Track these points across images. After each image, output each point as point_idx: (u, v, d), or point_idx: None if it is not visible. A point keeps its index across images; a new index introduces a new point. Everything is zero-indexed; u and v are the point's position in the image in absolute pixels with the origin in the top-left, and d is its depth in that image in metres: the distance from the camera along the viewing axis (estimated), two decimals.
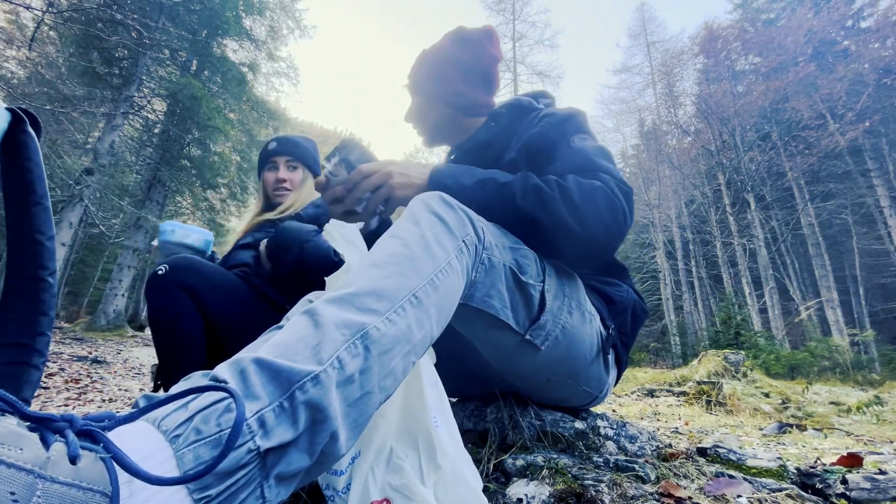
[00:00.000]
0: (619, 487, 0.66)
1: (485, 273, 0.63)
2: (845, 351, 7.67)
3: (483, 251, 0.63)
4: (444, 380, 1.04)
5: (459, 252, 0.58)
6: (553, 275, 0.73)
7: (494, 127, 1.00)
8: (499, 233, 0.69)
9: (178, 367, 1.01)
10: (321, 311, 0.44)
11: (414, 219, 0.58)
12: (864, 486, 0.67)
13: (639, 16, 20.48)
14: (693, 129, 15.33)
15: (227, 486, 0.32)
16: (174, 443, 0.32)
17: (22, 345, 0.56)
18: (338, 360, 0.40)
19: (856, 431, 2.01)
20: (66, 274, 15.66)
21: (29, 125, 0.50)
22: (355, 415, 0.41)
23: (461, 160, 1.02)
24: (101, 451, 0.29)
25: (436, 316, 0.52)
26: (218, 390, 0.34)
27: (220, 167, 10.24)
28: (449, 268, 0.55)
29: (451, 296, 0.55)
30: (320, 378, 0.38)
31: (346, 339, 0.42)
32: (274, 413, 0.35)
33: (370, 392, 0.42)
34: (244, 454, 0.32)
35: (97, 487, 0.27)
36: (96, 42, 8.09)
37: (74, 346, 5.19)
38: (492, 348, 0.75)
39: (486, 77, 1.02)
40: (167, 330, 1.02)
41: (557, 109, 0.96)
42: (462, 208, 0.63)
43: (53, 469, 0.26)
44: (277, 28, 11.33)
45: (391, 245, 0.54)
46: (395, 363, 0.45)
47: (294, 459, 0.36)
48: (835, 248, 14.63)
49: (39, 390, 2.03)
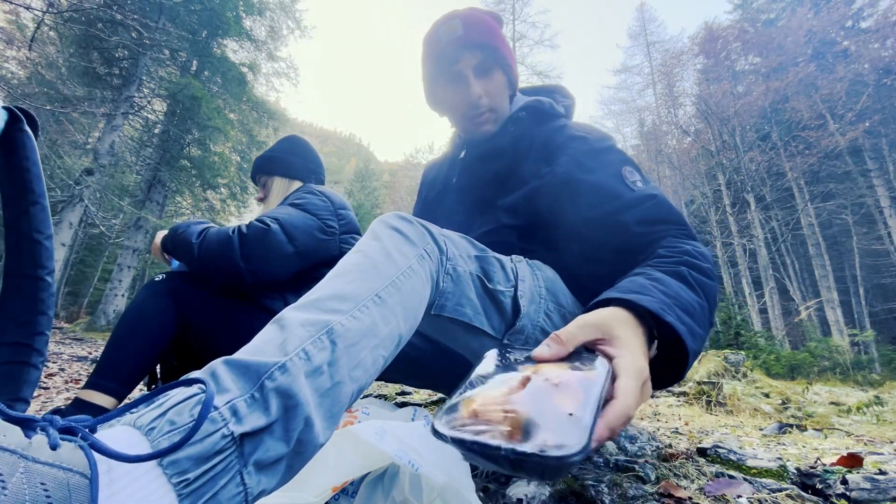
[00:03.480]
0: (619, 487, 0.66)
1: (453, 283, 0.64)
2: (845, 351, 7.67)
3: (447, 262, 0.64)
4: (442, 382, 1.05)
5: (420, 258, 0.59)
6: (528, 278, 0.73)
7: (512, 132, 0.92)
8: (465, 243, 0.70)
9: (120, 362, 1.00)
10: (286, 315, 0.45)
11: (374, 235, 0.60)
12: (865, 486, 0.66)
13: (639, 16, 20.51)
14: (693, 129, 15.33)
15: (204, 471, 0.32)
16: (149, 435, 0.32)
17: (21, 344, 0.56)
18: (304, 352, 0.41)
19: (856, 432, 2.01)
20: (66, 274, 15.66)
21: (26, 124, 0.50)
22: (328, 404, 0.42)
23: (476, 168, 0.97)
24: (80, 441, 0.30)
25: (402, 314, 0.52)
26: (189, 384, 0.36)
27: (220, 167, 10.23)
28: (410, 271, 0.56)
29: (415, 296, 0.56)
30: (287, 366, 0.39)
31: (311, 334, 0.43)
32: (245, 403, 0.36)
33: (341, 382, 0.43)
34: (219, 439, 0.33)
35: (77, 469, 0.28)
36: (96, 42, 8.09)
37: (74, 346, 5.19)
38: (477, 355, 0.75)
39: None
40: (133, 322, 1.02)
41: (581, 128, 0.88)
42: (421, 223, 0.64)
43: (35, 452, 0.28)
44: (277, 28, 11.33)
45: (353, 258, 0.56)
46: (363, 355, 0.46)
47: (271, 446, 0.36)
48: (835, 249, 14.63)
49: (39, 390, 2.03)
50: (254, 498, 0.36)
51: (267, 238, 1.06)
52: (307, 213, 1.17)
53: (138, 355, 1.01)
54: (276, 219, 1.10)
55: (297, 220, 1.13)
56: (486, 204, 0.93)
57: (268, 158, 1.39)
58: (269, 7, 10.89)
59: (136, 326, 1.02)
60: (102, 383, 0.96)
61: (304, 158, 1.41)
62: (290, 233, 1.09)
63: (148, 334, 1.02)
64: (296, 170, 1.38)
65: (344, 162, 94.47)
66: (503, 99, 0.92)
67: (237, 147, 10.93)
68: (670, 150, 16.31)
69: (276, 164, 1.38)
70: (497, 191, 0.92)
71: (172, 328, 1.05)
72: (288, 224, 1.10)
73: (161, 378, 1.13)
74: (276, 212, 1.14)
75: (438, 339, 0.79)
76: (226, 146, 10.57)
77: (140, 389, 1.56)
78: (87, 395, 0.95)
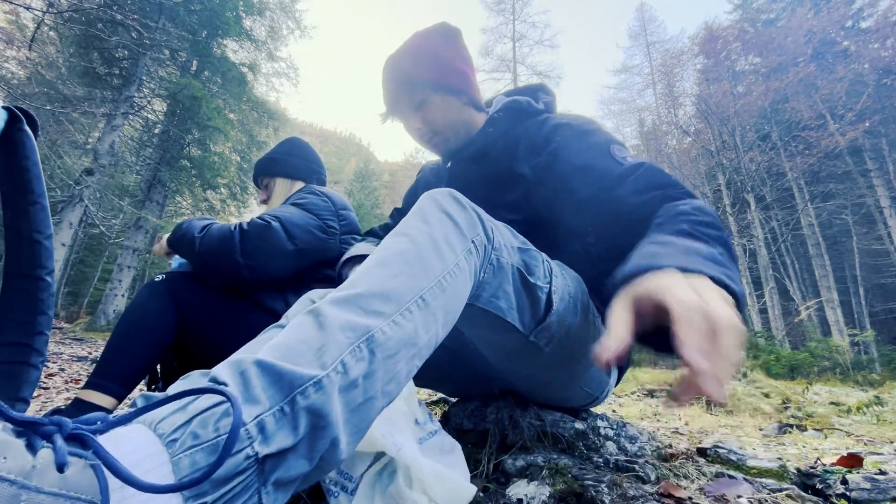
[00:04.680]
0: (619, 488, 0.66)
1: (493, 274, 0.62)
2: (845, 351, 7.67)
3: (492, 252, 0.61)
4: (445, 381, 1.04)
5: (468, 253, 0.56)
6: (560, 276, 0.72)
7: (493, 133, 0.94)
8: (508, 233, 0.68)
9: (120, 363, 1.00)
10: (325, 311, 0.43)
11: (423, 216, 0.56)
12: (865, 486, 0.66)
13: (639, 16, 20.51)
14: (693, 129, 15.32)
15: (223, 493, 0.31)
16: (170, 447, 0.31)
17: (20, 344, 0.56)
18: (342, 365, 0.39)
19: (856, 432, 2.01)
20: (66, 274, 15.65)
21: (25, 124, 0.49)
22: (357, 420, 0.40)
23: (461, 170, 0.98)
24: (91, 457, 0.28)
25: (442, 319, 0.50)
26: (217, 393, 0.34)
27: (220, 167, 10.22)
28: (457, 269, 0.53)
29: (457, 298, 0.54)
30: (323, 383, 0.37)
31: (350, 342, 0.40)
32: (274, 418, 0.34)
33: (373, 397, 0.41)
34: (242, 460, 0.32)
35: (85, 496, 0.26)
36: (96, 42, 8.08)
37: (74, 346, 5.19)
38: (495, 349, 0.74)
39: (473, 71, 0.98)
40: (133, 322, 1.02)
41: (564, 117, 0.91)
42: (473, 207, 0.60)
43: (39, 479, 0.25)
44: (277, 28, 11.33)
45: (399, 243, 0.52)
46: (399, 367, 0.44)
47: (293, 466, 0.35)
48: (835, 249, 14.62)
49: (39, 390, 2.02)
50: None
51: (267, 235, 1.06)
52: (308, 213, 1.17)
53: (138, 355, 1.01)
54: (277, 217, 1.10)
55: (297, 219, 1.13)
56: (485, 203, 0.93)
57: (269, 160, 1.40)
58: (269, 7, 10.89)
59: (136, 326, 1.02)
60: (102, 383, 0.96)
61: (305, 159, 1.41)
62: (290, 231, 1.10)
63: (148, 334, 1.02)
64: (298, 171, 1.39)
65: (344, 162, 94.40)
66: (447, 117, 0.94)
67: (237, 147, 10.92)
68: (670, 151, 16.29)
69: (278, 166, 1.39)
70: (494, 191, 0.91)
71: (172, 328, 1.05)
72: (288, 222, 1.10)
73: (161, 378, 1.13)
74: (277, 210, 1.14)
75: (459, 329, 0.79)
76: (226, 146, 10.56)
77: (140, 389, 1.56)
78: (87, 395, 0.95)
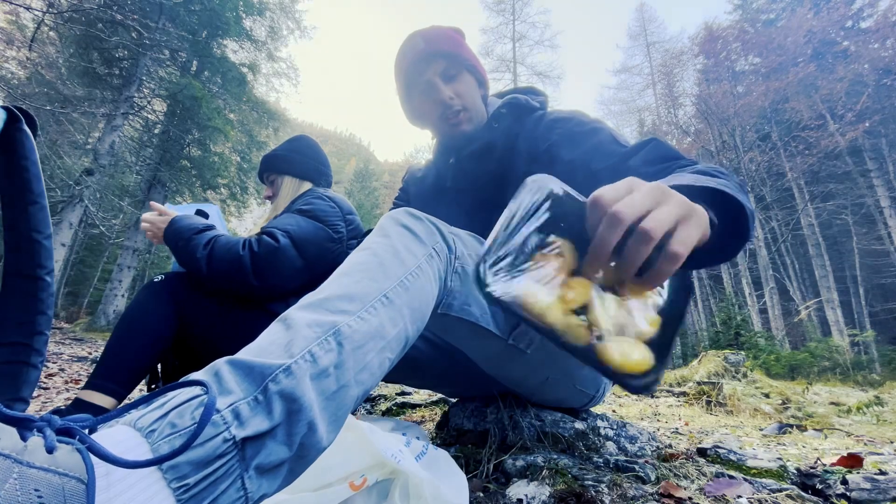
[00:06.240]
0: (619, 488, 0.66)
1: (460, 282, 0.64)
2: (845, 351, 7.67)
3: (456, 260, 0.63)
4: (444, 383, 1.05)
5: (429, 257, 0.58)
6: None
7: (497, 128, 0.95)
8: (473, 241, 0.69)
9: (120, 363, 1.00)
10: (293, 315, 0.45)
11: (383, 232, 0.59)
12: (865, 486, 0.66)
13: (639, 16, 20.53)
14: (693, 129, 15.34)
15: (204, 476, 0.32)
16: (149, 437, 0.32)
17: (20, 344, 0.56)
18: (310, 354, 0.40)
19: (856, 432, 2.01)
20: (65, 274, 15.66)
21: (25, 124, 0.49)
22: (333, 408, 0.41)
23: (471, 168, 0.98)
24: (78, 444, 0.29)
25: (409, 315, 0.52)
26: (191, 385, 0.35)
27: (220, 167, 10.23)
28: (419, 271, 0.55)
29: (423, 297, 0.55)
30: (292, 369, 0.38)
31: (317, 335, 0.42)
32: (249, 406, 0.35)
33: (346, 385, 0.43)
34: (220, 443, 0.33)
35: (73, 473, 0.28)
36: (96, 42, 8.09)
37: (74, 346, 5.19)
38: (481, 355, 0.76)
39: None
40: (133, 322, 1.02)
41: (562, 112, 0.93)
42: (431, 220, 0.63)
43: (30, 456, 0.27)
44: (277, 29, 11.34)
45: (360, 256, 0.54)
46: (370, 358, 0.45)
47: (273, 450, 0.36)
48: (835, 249, 14.63)
49: (39, 390, 2.02)
50: (254, 502, 0.35)
51: (278, 255, 1.06)
52: (317, 222, 1.17)
53: (138, 356, 1.01)
54: (287, 232, 1.10)
55: (308, 233, 1.13)
56: (488, 203, 0.93)
57: (278, 157, 1.37)
58: (269, 7, 10.90)
59: (136, 327, 1.02)
60: (102, 384, 0.96)
61: (315, 160, 1.39)
62: (300, 247, 1.10)
63: (148, 335, 1.02)
64: (307, 171, 1.37)
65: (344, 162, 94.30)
66: (475, 98, 0.95)
67: (237, 147, 10.93)
68: None
69: (287, 164, 1.36)
70: (497, 189, 0.92)
71: (172, 328, 1.05)
72: (299, 238, 1.11)
73: (162, 378, 1.13)
74: (286, 223, 1.13)
75: (443, 339, 0.79)
76: (226, 146, 10.58)
77: (140, 390, 1.56)
78: (87, 395, 0.95)
